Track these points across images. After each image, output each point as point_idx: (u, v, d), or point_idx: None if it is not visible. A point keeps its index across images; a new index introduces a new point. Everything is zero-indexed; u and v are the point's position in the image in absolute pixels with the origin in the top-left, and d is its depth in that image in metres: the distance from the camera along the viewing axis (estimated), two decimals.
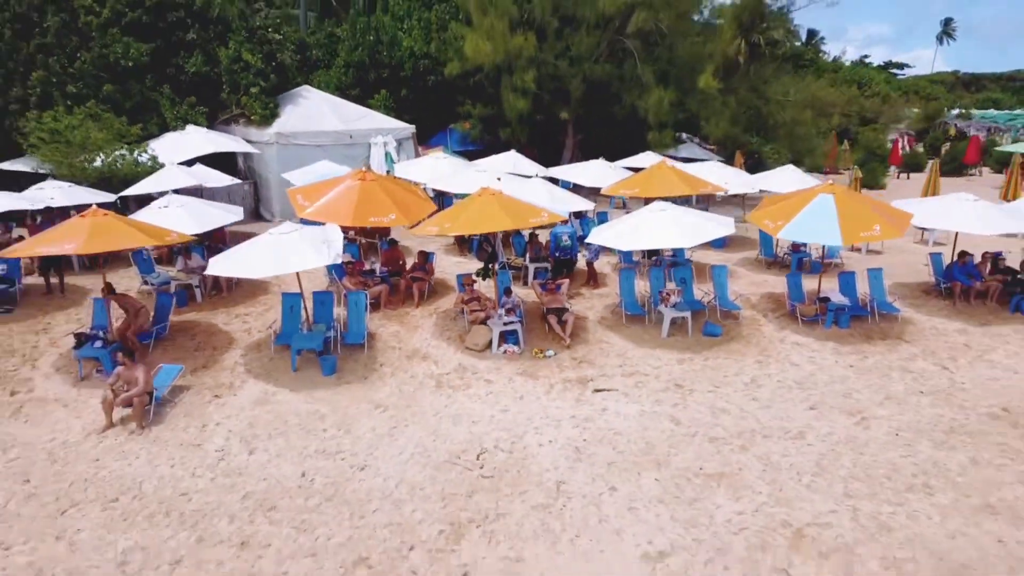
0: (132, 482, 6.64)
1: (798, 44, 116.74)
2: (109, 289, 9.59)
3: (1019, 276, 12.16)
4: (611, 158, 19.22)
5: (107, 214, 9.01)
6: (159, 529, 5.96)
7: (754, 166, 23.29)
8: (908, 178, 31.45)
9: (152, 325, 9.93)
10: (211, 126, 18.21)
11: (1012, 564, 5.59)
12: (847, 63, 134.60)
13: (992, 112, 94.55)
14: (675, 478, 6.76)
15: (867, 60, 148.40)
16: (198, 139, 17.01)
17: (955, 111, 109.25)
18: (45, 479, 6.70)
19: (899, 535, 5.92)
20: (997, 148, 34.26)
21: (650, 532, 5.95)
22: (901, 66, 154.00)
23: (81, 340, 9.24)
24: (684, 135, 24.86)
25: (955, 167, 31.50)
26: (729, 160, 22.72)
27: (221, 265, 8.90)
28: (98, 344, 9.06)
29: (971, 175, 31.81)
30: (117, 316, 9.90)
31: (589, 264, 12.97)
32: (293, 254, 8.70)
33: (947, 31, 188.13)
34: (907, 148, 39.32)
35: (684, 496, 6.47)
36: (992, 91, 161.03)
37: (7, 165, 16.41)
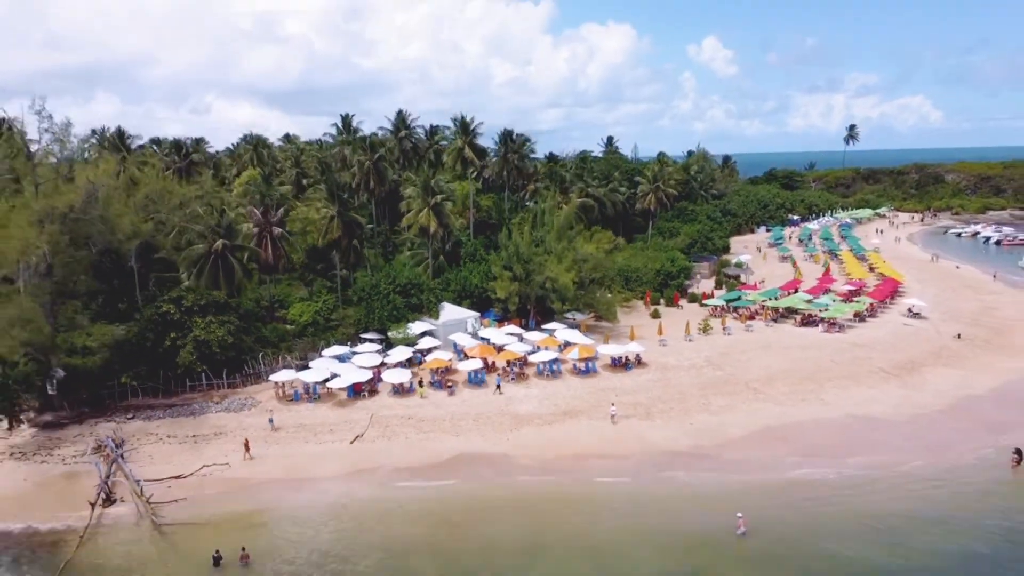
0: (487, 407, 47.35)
1: (715, 167, 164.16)
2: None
3: (629, 364, 52.81)
4: (545, 320, 60.00)
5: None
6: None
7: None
8: (682, 307, 71.93)
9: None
10: (420, 320, 59.05)
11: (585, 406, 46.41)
12: (751, 181, 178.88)
13: (822, 224, 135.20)
14: (541, 399, 47.31)
15: (775, 172, 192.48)
16: (422, 325, 57.69)
17: (820, 218, 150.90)
18: (468, 406, 47.36)
19: (553, 408, 46.70)
20: (706, 298, 73.26)
21: (532, 403, 46.54)
22: (802, 174, 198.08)
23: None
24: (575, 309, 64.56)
25: (699, 302, 72.17)
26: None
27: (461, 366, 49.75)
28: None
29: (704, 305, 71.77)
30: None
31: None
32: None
33: (851, 135, 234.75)
34: (698, 287, 79.88)
35: (544, 399, 47.05)
36: (886, 183, 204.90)
37: (368, 335, 57.05)
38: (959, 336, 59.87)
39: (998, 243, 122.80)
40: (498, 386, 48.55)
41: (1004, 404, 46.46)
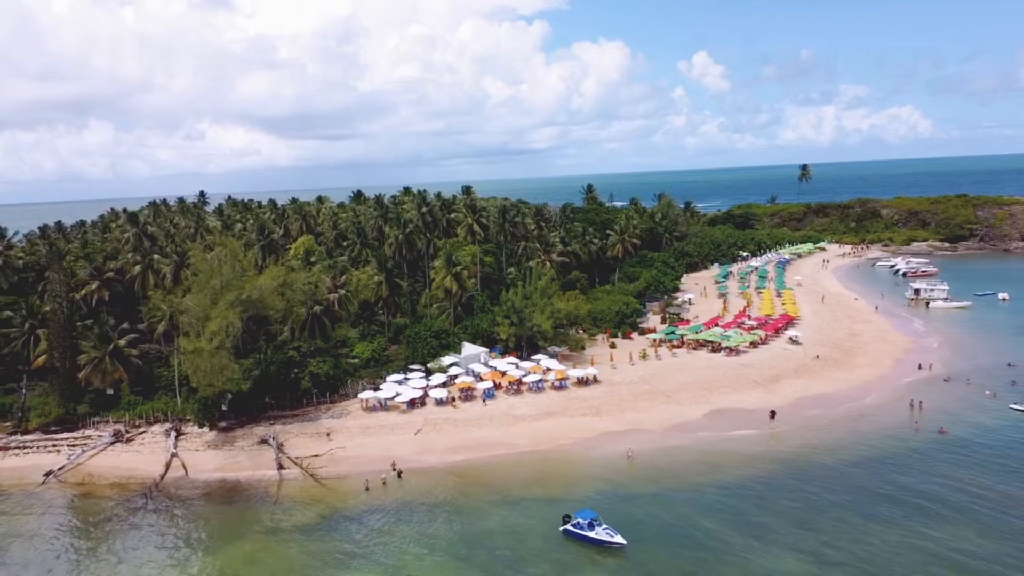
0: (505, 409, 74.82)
1: (679, 211, 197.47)
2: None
3: (589, 382, 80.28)
4: (533, 352, 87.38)
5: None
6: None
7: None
8: (633, 340, 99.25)
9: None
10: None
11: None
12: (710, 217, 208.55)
13: (753, 265, 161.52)
14: (531, 405, 74.65)
15: (732, 212, 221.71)
16: (450, 358, 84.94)
17: (766, 254, 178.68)
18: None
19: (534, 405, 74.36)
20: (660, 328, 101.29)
21: (525, 408, 73.91)
22: (757, 213, 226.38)
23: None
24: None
25: (645, 335, 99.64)
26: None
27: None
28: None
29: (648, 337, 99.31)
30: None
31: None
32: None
33: (804, 174, 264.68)
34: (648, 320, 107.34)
35: (533, 406, 74.48)
36: (833, 217, 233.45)
37: (414, 366, 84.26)
38: (817, 357, 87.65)
39: (904, 274, 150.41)
40: (483, 400, 75.71)
41: (821, 400, 74.23)
